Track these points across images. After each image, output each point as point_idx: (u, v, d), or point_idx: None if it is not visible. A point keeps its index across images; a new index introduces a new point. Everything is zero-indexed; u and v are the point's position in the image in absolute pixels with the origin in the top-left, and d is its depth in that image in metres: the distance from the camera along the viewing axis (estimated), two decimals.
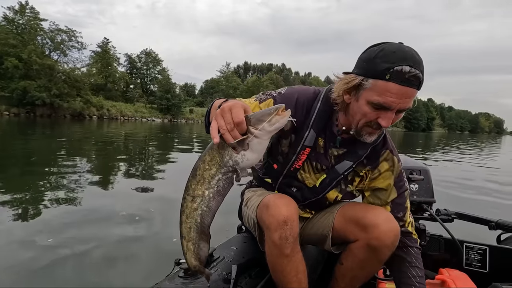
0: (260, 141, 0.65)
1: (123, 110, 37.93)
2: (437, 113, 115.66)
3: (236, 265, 0.94)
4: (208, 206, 0.69)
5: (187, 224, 0.71)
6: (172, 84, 45.90)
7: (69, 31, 33.55)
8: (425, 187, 1.41)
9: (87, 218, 2.75)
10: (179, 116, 44.86)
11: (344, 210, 1.03)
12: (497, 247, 1.37)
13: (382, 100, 0.79)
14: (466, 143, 24.79)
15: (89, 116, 32.83)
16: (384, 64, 0.77)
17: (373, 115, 0.83)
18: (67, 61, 34.16)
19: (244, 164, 0.67)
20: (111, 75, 41.37)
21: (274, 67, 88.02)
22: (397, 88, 0.77)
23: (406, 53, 0.78)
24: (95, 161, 6.29)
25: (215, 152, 0.68)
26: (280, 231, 0.87)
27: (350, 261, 0.99)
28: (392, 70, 0.76)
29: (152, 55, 50.84)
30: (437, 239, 1.39)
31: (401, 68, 0.75)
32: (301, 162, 1.00)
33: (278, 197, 0.95)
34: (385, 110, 0.81)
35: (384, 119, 0.82)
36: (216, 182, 0.68)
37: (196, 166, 0.70)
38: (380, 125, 0.84)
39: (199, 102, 60.98)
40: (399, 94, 0.77)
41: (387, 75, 0.77)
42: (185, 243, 0.73)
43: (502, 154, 15.28)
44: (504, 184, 5.74)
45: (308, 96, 0.99)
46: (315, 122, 0.97)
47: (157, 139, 12.98)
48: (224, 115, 0.64)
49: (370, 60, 0.80)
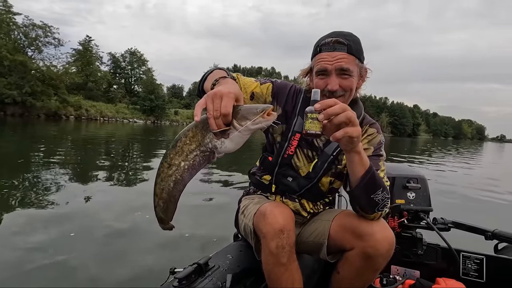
0: (240, 135, 0.69)
1: (103, 110, 36.21)
2: (422, 119, 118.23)
3: (231, 275, 0.94)
4: (182, 176, 0.73)
5: (160, 185, 0.75)
6: (157, 85, 44.38)
7: (44, 26, 31.63)
8: (422, 195, 1.40)
9: (67, 227, 2.54)
10: (163, 118, 43.43)
11: (340, 218, 1.03)
12: (494, 256, 1.34)
13: (319, 67, 0.96)
14: (454, 149, 24.90)
15: (65, 116, 31.06)
16: (317, 43, 0.99)
17: (322, 83, 0.96)
18: (43, 58, 32.27)
19: (222, 150, 0.71)
20: (92, 74, 39.61)
21: (264, 71, 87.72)
22: (326, 54, 0.95)
23: (334, 31, 0.98)
24: (70, 164, 5.66)
25: (198, 130, 0.71)
26: (277, 240, 0.88)
27: (346, 269, 0.98)
28: (321, 43, 0.96)
29: (137, 54, 49.42)
30: (434, 248, 1.37)
31: (326, 40, 0.96)
32: (293, 148, 1.06)
33: (275, 205, 0.97)
34: (327, 76, 0.96)
35: (330, 83, 0.95)
36: (193, 157, 0.72)
37: (178, 138, 0.73)
38: (331, 91, 0.95)
39: (187, 104, 59.77)
40: (330, 58, 0.94)
41: (318, 48, 0.97)
42: (156, 199, 0.78)
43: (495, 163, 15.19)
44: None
45: (297, 88, 1.12)
46: (301, 109, 1.06)
47: (131, 142, 11.95)
48: (215, 100, 0.66)
49: (313, 47, 1.01)
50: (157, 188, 0.77)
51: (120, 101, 42.13)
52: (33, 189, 3.70)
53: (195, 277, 0.92)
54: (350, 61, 0.94)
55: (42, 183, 4.01)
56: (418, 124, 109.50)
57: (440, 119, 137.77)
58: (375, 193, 0.90)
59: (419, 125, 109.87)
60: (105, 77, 42.55)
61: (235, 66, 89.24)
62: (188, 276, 0.90)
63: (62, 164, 5.53)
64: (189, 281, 0.89)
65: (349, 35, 0.96)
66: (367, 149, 1.04)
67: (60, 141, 10.42)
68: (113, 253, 2.17)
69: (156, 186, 0.77)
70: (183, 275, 0.88)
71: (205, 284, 0.89)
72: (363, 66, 1.00)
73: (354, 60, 0.95)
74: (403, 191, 1.40)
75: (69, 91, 33.50)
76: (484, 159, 17.24)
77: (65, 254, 2.06)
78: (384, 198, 0.91)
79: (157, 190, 0.77)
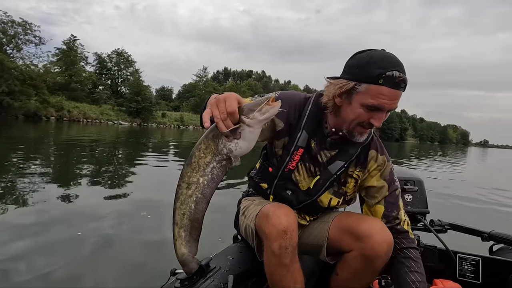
0: (252, 129, 0.68)
1: (86, 112, 34.95)
2: (409, 124, 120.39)
3: (232, 276, 0.94)
4: (203, 193, 0.71)
5: (181, 210, 0.71)
6: (144, 86, 43.25)
7: (24, 24, 30.46)
8: (419, 197, 1.41)
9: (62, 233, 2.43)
10: (149, 120, 42.36)
11: (339, 220, 1.03)
12: (489, 258, 1.36)
13: (376, 102, 0.86)
14: (443, 154, 24.98)
15: (46, 117, 29.76)
16: (376, 70, 0.83)
17: (366, 116, 0.89)
18: (23, 56, 30.95)
19: (237, 152, 0.69)
20: (76, 74, 38.32)
21: (254, 74, 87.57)
22: (389, 91, 0.84)
23: (393, 59, 0.86)
24: (49, 168, 5.33)
25: (210, 140, 0.70)
26: (280, 241, 0.87)
27: (346, 271, 0.98)
28: (384, 75, 0.83)
29: (125, 55, 48.31)
30: (432, 250, 1.37)
31: (392, 73, 0.83)
32: (294, 163, 1.02)
33: (277, 206, 0.95)
34: (377, 111, 0.88)
35: (376, 119, 0.89)
36: (210, 170, 0.70)
37: (192, 154, 0.71)
38: (371, 124, 0.90)
39: (175, 107, 58.86)
40: (391, 97, 0.85)
41: (380, 79, 0.83)
42: (176, 230, 0.73)
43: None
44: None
45: (300, 99, 1.03)
46: (306, 123, 1.00)
47: (114, 145, 11.25)
48: (218, 104, 0.67)
49: (362, 67, 0.86)
50: (176, 214, 0.71)
51: (105, 102, 40.87)
52: (7, 195, 3.42)
53: (197, 278, 0.90)
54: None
55: (19, 190, 3.67)
56: (406, 129, 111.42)
57: (426, 124, 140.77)
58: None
59: (406, 129, 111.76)
60: (90, 78, 41.24)
61: (226, 69, 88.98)
62: (190, 277, 0.88)
63: (41, 167, 5.18)
64: (191, 282, 0.88)
65: (403, 67, 0.87)
66: (381, 187, 1.01)
67: (39, 143, 9.80)
68: (113, 255, 2.12)
69: (175, 212, 0.71)
70: (184, 276, 0.87)
71: (207, 285, 0.89)
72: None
73: None
74: (401, 193, 1.45)
75: (52, 92, 32.21)
76: (470, 162, 17.52)
77: (54, 260, 1.98)
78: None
79: (177, 218, 0.71)
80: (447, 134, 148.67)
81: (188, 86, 63.80)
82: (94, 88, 42.82)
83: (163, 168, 6.47)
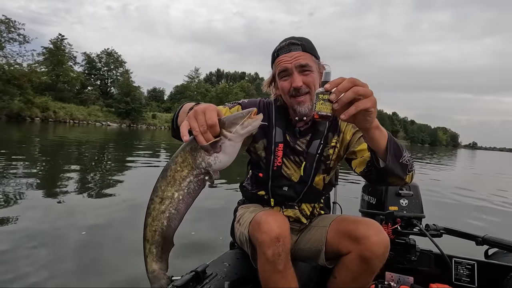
0: (233, 143, 0.66)
1: (73, 112, 33.95)
2: (401, 126, 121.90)
3: (228, 282, 0.95)
4: (177, 208, 0.67)
5: (152, 227, 0.68)
6: (134, 87, 42.33)
7: (8, 21, 29.40)
8: (415, 202, 1.42)
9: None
10: (139, 122, 41.52)
11: (337, 224, 1.06)
12: (484, 262, 1.36)
13: (280, 68, 1.01)
14: (431, 156, 25.02)
15: (30, 118, 28.76)
16: (274, 51, 1.05)
17: (287, 84, 1.01)
18: (6, 55, 29.80)
19: (217, 166, 0.66)
20: (64, 74, 37.28)
21: (247, 76, 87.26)
22: (284, 55, 1.00)
23: (286, 38, 1.05)
24: (33, 170, 5.05)
25: (187, 154, 0.66)
26: (273, 248, 0.89)
27: (343, 274, 0.99)
28: (277, 49, 1.04)
29: (114, 55, 47.34)
30: (427, 254, 1.38)
31: (281, 45, 1.03)
32: (280, 159, 1.08)
33: (269, 214, 0.97)
34: (289, 75, 1.00)
35: (294, 81, 0.99)
36: (187, 184, 0.67)
37: (167, 167, 0.67)
38: (296, 89, 0.99)
39: (167, 108, 58.02)
40: (288, 58, 0.99)
41: (276, 53, 1.04)
42: (147, 246, 0.69)
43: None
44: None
45: (264, 102, 1.16)
46: (276, 120, 1.10)
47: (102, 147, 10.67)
48: (197, 117, 0.64)
49: (271, 56, 1.07)
50: (147, 231, 0.67)
51: (94, 103, 39.87)
52: None
53: (193, 284, 0.91)
54: (307, 58, 1.00)
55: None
56: (397, 131, 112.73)
57: (417, 126, 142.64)
58: (402, 156, 0.88)
59: (397, 132, 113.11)
60: (78, 78, 40.20)
61: (219, 70, 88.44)
62: (186, 283, 0.88)
63: (24, 170, 4.93)
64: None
65: (300, 38, 1.03)
66: (356, 131, 1.06)
67: (21, 145, 9.30)
68: (105, 262, 2.09)
69: (146, 229, 0.68)
70: (181, 283, 0.87)
71: None
72: (320, 62, 1.04)
73: (310, 57, 1.01)
74: (396, 198, 1.41)
75: (38, 92, 31.19)
76: (460, 164, 17.42)
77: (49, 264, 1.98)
78: (409, 158, 0.91)
79: (147, 234, 0.67)
80: (437, 137, 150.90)
81: (180, 87, 62.95)
82: (82, 88, 41.79)
83: (150, 169, 6.26)
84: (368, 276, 0.97)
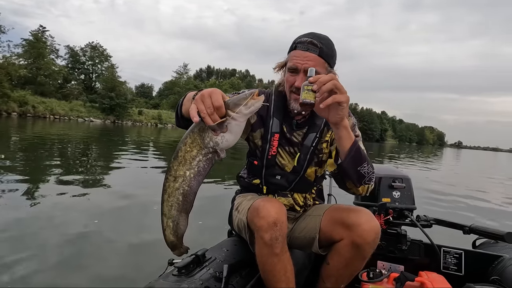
0: (237, 123, 0.71)
1: (54, 107, 32.46)
2: (389, 125, 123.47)
3: (227, 265, 0.99)
4: (190, 185, 0.74)
5: (168, 202, 0.75)
6: (119, 82, 40.95)
7: None
8: (407, 194, 1.47)
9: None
10: (124, 118, 40.22)
11: (330, 212, 1.10)
12: (471, 251, 1.42)
13: (291, 64, 1.03)
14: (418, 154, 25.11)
15: (6, 113, 27.33)
16: (295, 40, 1.04)
17: (291, 80, 1.04)
18: None
19: (224, 145, 0.72)
20: (44, 68, 35.66)
21: (238, 73, 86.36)
22: (299, 52, 1.01)
23: (312, 32, 1.04)
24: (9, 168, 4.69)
25: (196, 134, 0.72)
26: (271, 232, 0.93)
27: (336, 260, 1.04)
28: (297, 41, 1.03)
29: (100, 49, 45.70)
30: (418, 244, 1.43)
31: (302, 39, 1.02)
32: (275, 149, 1.12)
33: (267, 200, 1.02)
34: (296, 73, 1.02)
35: (297, 80, 1.02)
36: (197, 163, 0.73)
37: (178, 148, 0.74)
38: (297, 88, 1.01)
39: (155, 104, 56.69)
40: (301, 57, 1.00)
41: (294, 45, 1.04)
42: (165, 220, 0.77)
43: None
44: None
45: (267, 92, 1.18)
46: (275, 111, 1.14)
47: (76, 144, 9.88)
48: (204, 100, 0.70)
49: (291, 43, 1.07)
50: (164, 206, 0.75)
51: (77, 98, 38.36)
52: None
53: (194, 267, 0.95)
54: (318, 64, 1.00)
55: None
56: (386, 129, 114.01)
57: (405, 125, 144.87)
58: (361, 165, 0.96)
59: (386, 130, 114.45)
60: (61, 72, 38.58)
61: (209, 67, 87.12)
62: (187, 265, 0.93)
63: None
64: (188, 270, 0.92)
65: (324, 38, 1.03)
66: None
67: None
68: (107, 249, 2.19)
69: (163, 204, 0.75)
70: (182, 265, 0.92)
71: (203, 274, 0.93)
72: (332, 71, 1.04)
73: (323, 64, 1.01)
74: (389, 190, 1.46)
75: (17, 86, 29.66)
76: (447, 163, 17.62)
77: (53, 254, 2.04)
78: (369, 171, 0.98)
79: (165, 209, 0.75)
80: (424, 135, 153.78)
81: (168, 83, 61.60)
82: (65, 83, 40.17)
83: (131, 167, 6.00)
84: (360, 262, 1.01)
